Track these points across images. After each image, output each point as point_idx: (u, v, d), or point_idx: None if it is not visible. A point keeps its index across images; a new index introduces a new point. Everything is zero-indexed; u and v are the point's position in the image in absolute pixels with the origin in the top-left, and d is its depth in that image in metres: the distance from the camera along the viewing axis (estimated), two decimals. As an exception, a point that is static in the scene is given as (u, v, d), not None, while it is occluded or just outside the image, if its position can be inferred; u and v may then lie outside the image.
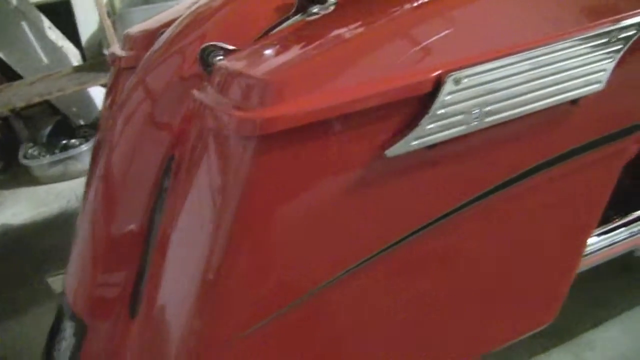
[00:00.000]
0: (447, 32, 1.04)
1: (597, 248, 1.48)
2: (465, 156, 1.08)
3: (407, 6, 1.09)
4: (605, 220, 1.49)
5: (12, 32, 3.29)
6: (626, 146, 1.27)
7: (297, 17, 1.24)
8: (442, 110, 0.98)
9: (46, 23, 3.39)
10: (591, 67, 1.11)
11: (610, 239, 1.51)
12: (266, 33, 1.26)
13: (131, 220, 1.28)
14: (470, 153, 1.08)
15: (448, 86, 0.97)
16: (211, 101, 1.02)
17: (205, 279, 1.04)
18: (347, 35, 1.05)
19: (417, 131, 0.98)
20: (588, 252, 1.45)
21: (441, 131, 1.00)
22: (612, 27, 1.11)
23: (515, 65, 1.02)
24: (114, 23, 3.29)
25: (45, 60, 3.38)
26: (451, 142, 1.02)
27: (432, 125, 0.99)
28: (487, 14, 1.09)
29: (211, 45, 1.20)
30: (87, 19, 3.61)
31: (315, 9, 1.22)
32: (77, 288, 1.34)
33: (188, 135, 1.22)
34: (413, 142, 0.99)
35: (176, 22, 1.42)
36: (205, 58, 1.19)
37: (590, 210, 1.30)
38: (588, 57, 1.10)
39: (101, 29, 3.38)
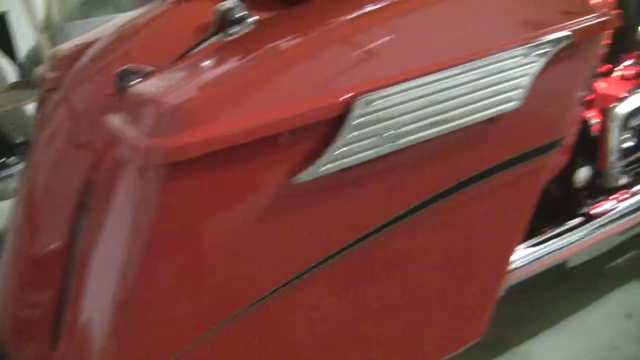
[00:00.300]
0: (359, 53, 1.04)
1: (530, 260, 1.49)
2: (380, 178, 1.07)
3: (323, 28, 1.08)
4: (536, 233, 1.50)
5: (-54, 48, 3.22)
6: (547, 162, 1.28)
7: (216, 38, 1.22)
8: (352, 134, 0.98)
9: (-19, 39, 3.32)
10: (507, 85, 1.11)
11: (543, 251, 1.51)
12: (185, 54, 1.24)
13: (53, 239, 1.23)
14: (386, 175, 1.07)
15: (357, 109, 0.96)
16: (122, 128, 1.00)
17: (121, 303, 1.02)
18: (259, 58, 1.04)
19: (326, 156, 0.98)
20: (522, 264, 1.46)
21: (352, 155, 0.99)
22: (528, 45, 1.12)
23: (427, 86, 1.02)
24: (52, 37, 3.22)
25: (-20, 76, 3.30)
26: (365, 164, 1.02)
27: (342, 150, 0.98)
28: (400, 35, 1.09)
29: (127, 68, 1.17)
30: (25, 34, 3.54)
31: (234, 29, 1.20)
32: (0, 313, 1.30)
33: (106, 157, 1.19)
34: (322, 167, 0.98)
35: (101, 39, 1.39)
36: (120, 82, 1.16)
37: (513, 227, 1.30)
38: (504, 75, 1.10)
39: (39, 44, 3.31)
